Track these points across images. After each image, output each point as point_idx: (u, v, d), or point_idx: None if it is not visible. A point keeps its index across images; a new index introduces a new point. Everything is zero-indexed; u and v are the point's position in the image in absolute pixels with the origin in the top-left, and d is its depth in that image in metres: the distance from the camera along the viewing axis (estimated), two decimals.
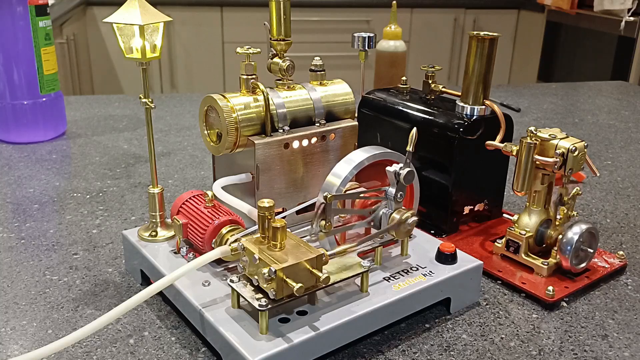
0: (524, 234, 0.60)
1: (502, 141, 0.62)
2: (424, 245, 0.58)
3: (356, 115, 0.64)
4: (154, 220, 0.58)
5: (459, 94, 0.67)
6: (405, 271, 0.53)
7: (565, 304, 0.57)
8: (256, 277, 0.45)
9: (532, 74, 3.02)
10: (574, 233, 0.58)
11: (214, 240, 0.52)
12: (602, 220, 0.75)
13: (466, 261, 0.55)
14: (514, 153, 0.60)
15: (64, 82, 2.21)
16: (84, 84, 2.60)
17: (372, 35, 0.74)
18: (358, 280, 0.51)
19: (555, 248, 0.59)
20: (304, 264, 0.45)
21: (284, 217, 0.52)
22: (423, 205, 0.63)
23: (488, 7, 3.07)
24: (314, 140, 0.59)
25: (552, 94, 1.41)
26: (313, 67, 0.62)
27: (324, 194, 0.50)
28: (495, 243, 0.63)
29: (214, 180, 0.60)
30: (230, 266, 0.53)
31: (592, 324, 0.54)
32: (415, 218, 0.53)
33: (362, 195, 0.54)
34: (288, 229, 0.48)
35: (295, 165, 0.58)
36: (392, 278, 0.52)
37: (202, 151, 0.97)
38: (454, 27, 3.05)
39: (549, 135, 0.58)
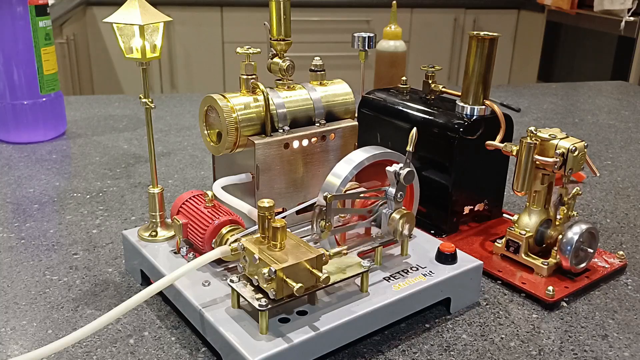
0: (524, 234, 0.60)
1: (502, 141, 0.62)
2: (424, 245, 0.58)
3: (356, 115, 0.64)
4: (154, 220, 0.58)
5: (459, 94, 0.67)
6: (405, 271, 0.53)
7: (565, 304, 0.57)
8: (256, 277, 0.45)
9: (532, 74, 3.02)
10: (574, 233, 0.58)
11: (214, 240, 0.52)
12: (602, 220, 0.75)
13: (466, 261, 0.55)
14: (514, 153, 0.60)
15: (64, 82, 2.21)
16: (84, 84, 2.60)
17: (372, 35, 0.74)
18: (358, 280, 0.51)
19: (555, 248, 0.59)
20: (304, 264, 0.45)
21: (284, 217, 0.52)
22: (423, 205, 0.63)
23: (488, 7, 3.07)
24: (314, 140, 0.59)
25: (552, 94, 1.41)
26: (313, 67, 0.62)
27: (324, 194, 0.50)
28: (495, 243, 0.63)
29: (214, 180, 0.60)
30: (230, 266, 0.53)
31: (592, 324, 0.54)
32: (407, 233, 0.54)
33: (362, 195, 0.54)
34: (288, 229, 0.48)
35: (295, 165, 0.58)
36: (392, 278, 0.52)
37: (202, 151, 0.97)
38: (454, 27, 3.05)
39: (549, 135, 0.58)
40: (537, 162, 0.58)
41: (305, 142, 0.58)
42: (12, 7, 0.93)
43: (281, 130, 0.57)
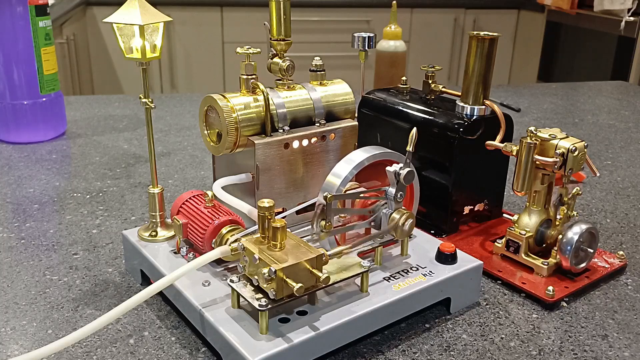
0: (524, 234, 0.60)
1: (502, 141, 0.62)
2: (424, 245, 0.58)
3: (356, 115, 0.64)
4: (154, 220, 0.58)
5: (459, 94, 0.67)
6: (405, 271, 0.53)
7: (565, 304, 0.57)
8: (256, 277, 0.45)
9: (532, 74, 3.02)
10: (574, 233, 0.58)
11: (214, 240, 0.52)
12: (602, 220, 0.75)
13: (466, 261, 0.55)
14: (514, 153, 0.60)
15: (64, 82, 2.21)
16: (84, 84, 2.60)
17: (372, 35, 0.74)
18: (358, 280, 0.51)
19: (555, 248, 0.59)
20: (304, 264, 0.45)
21: (284, 217, 0.52)
22: (423, 205, 0.63)
23: (488, 7, 3.07)
24: (314, 140, 0.59)
25: (552, 94, 1.41)
26: (313, 67, 0.62)
27: (324, 194, 0.50)
28: (495, 243, 0.63)
29: (214, 180, 0.60)
30: (230, 266, 0.53)
31: (592, 324, 0.54)
32: (411, 220, 0.53)
33: (362, 195, 0.54)
34: (288, 229, 0.48)
35: (295, 165, 0.58)
36: (392, 278, 0.52)
37: (202, 151, 0.97)
38: (454, 27, 3.05)
39: (549, 135, 0.58)
40: (537, 162, 0.58)
41: (305, 142, 0.58)
42: (12, 7, 0.93)
43: (281, 130, 0.57)
